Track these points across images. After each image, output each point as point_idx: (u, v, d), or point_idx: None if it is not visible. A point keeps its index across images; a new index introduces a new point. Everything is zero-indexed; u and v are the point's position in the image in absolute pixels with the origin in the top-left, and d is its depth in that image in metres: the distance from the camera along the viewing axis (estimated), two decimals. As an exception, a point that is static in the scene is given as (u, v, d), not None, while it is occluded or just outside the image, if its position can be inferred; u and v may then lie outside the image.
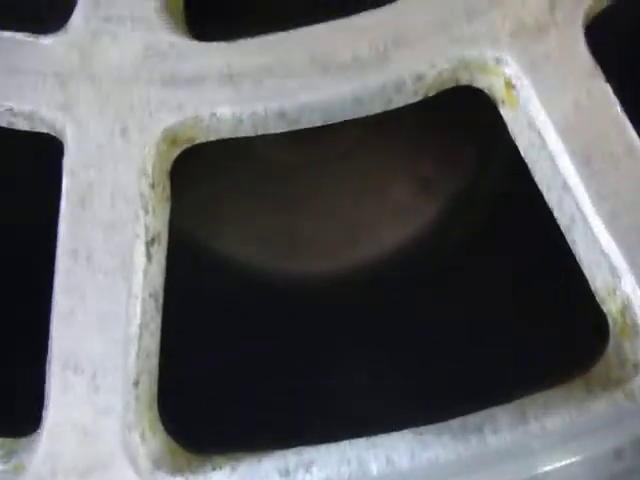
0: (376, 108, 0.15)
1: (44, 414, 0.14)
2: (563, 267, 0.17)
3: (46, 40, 0.14)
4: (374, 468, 0.14)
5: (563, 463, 0.13)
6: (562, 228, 0.15)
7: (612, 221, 0.14)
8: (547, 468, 0.14)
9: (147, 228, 0.14)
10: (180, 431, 0.16)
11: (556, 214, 0.15)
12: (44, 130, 0.15)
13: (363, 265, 0.38)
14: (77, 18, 0.14)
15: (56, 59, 0.14)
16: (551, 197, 0.15)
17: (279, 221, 0.43)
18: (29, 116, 0.14)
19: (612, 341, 0.15)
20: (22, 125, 0.15)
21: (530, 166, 0.15)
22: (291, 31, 0.14)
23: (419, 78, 0.14)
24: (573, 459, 0.14)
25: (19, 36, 0.14)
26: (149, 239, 0.14)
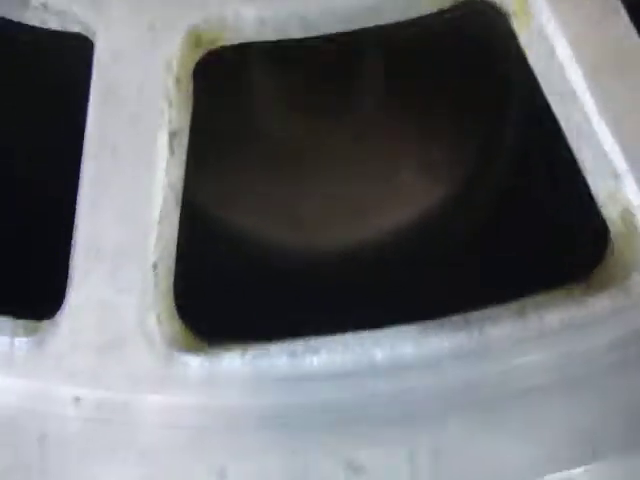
0: (394, 16, 0.15)
1: (67, 294, 0.15)
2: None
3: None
4: (378, 354, 0.14)
5: (560, 352, 0.14)
6: (568, 137, 0.15)
7: (616, 126, 0.14)
8: (545, 356, 0.14)
9: (170, 121, 0.15)
10: (195, 323, 0.16)
11: (563, 125, 0.15)
12: (75, 29, 0.15)
13: (366, 245, 0.39)
14: None
15: (89, -42, 0.15)
16: (559, 108, 0.15)
17: (285, 199, 0.44)
18: (61, 12, 0.15)
19: (611, 245, 0.15)
20: (54, 23, 0.15)
21: (539, 77, 0.15)
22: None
23: (433, -14, 0.15)
24: (570, 349, 0.14)
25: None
26: (172, 131, 0.15)
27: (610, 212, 0.15)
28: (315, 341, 0.15)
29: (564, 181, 0.17)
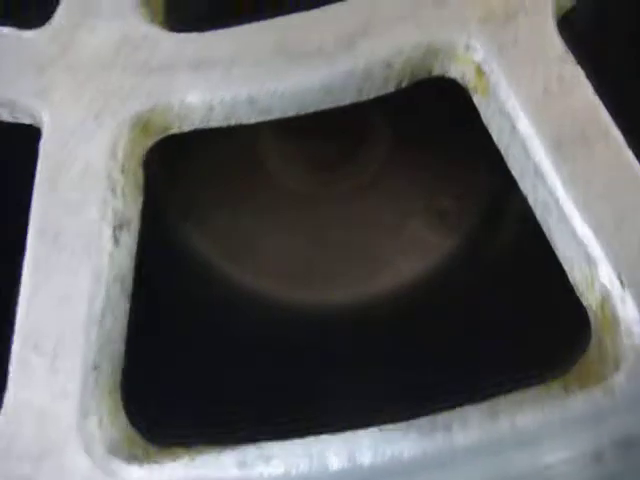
0: (347, 98, 0.15)
1: (5, 395, 0.14)
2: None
3: (29, 34, 0.15)
4: (335, 463, 0.13)
5: (537, 464, 0.13)
6: (537, 216, 0.14)
7: (586, 207, 0.13)
8: (519, 468, 0.13)
9: (115, 212, 0.14)
10: (143, 423, 0.15)
11: (530, 202, 0.14)
12: (25, 120, 0.15)
13: (379, 298, 0.38)
14: (60, 14, 0.15)
15: (37, 50, 0.15)
16: (525, 184, 0.14)
17: (296, 251, 0.43)
18: (10, 104, 0.15)
19: (594, 337, 0.14)
20: (4, 115, 0.15)
21: (503, 153, 0.14)
22: (259, 22, 0.14)
23: (387, 65, 0.14)
24: (548, 460, 0.13)
25: (5, 30, 0.15)
26: (117, 223, 0.14)
27: (589, 301, 0.14)
28: (267, 448, 0.13)
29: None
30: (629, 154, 0.13)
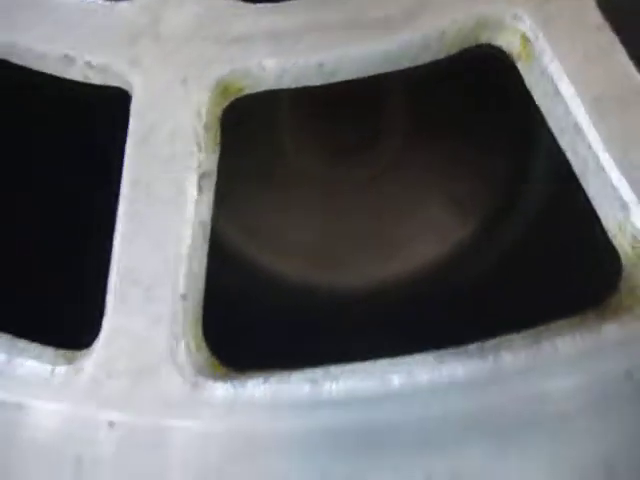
0: (404, 63, 0.16)
1: (103, 322, 0.16)
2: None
3: (122, 5, 0.17)
4: (396, 381, 0.15)
5: (574, 382, 0.14)
6: (576, 171, 0.16)
7: (622, 158, 0.15)
8: (559, 385, 0.14)
9: (200, 163, 0.16)
10: (222, 353, 0.17)
11: (570, 157, 0.16)
12: (115, 83, 0.17)
13: (394, 283, 0.39)
14: (148, -12, 0.17)
15: (129, 21, 0.16)
16: (564, 141, 0.16)
17: (313, 237, 0.45)
18: (103, 69, 0.17)
19: (624, 274, 0.15)
20: (95, 78, 0.17)
21: (545, 114, 0.16)
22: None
23: (442, 34, 0.16)
24: (584, 378, 0.14)
25: (100, 1, 0.17)
26: (201, 173, 0.16)
27: (621, 242, 0.15)
28: (334, 369, 0.15)
29: (580, 212, 0.17)
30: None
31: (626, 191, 0.14)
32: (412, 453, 0.14)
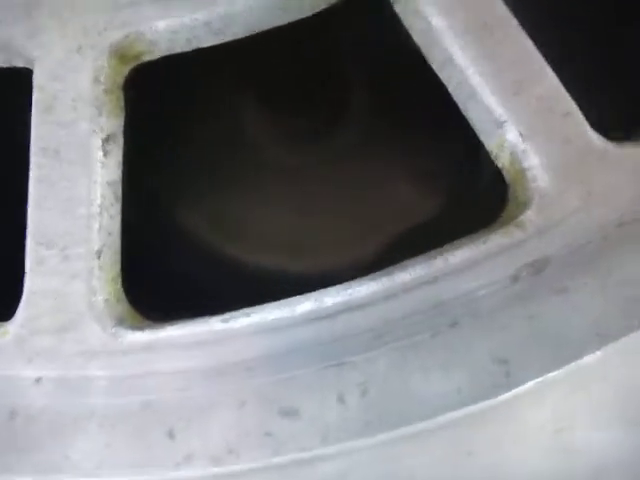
0: (288, 17, 0.17)
1: (24, 286, 0.16)
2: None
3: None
4: (304, 306, 0.16)
5: (466, 289, 0.15)
6: (458, 102, 0.17)
7: (490, 80, 0.16)
8: (452, 294, 0.15)
9: (102, 127, 0.17)
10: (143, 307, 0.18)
11: (450, 89, 0.17)
12: (19, 63, 0.18)
13: (369, 262, 0.40)
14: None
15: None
16: (444, 74, 0.17)
17: (283, 222, 0.45)
18: (5, 47, 0.17)
19: (510, 190, 0.16)
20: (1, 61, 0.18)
21: (422, 51, 0.17)
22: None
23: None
24: (474, 285, 0.15)
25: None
26: (105, 136, 0.17)
27: (503, 161, 0.16)
28: (247, 309, 0.16)
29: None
30: (524, 36, 0.16)
31: (500, 111, 0.15)
32: (324, 374, 0.15)
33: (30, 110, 0.17)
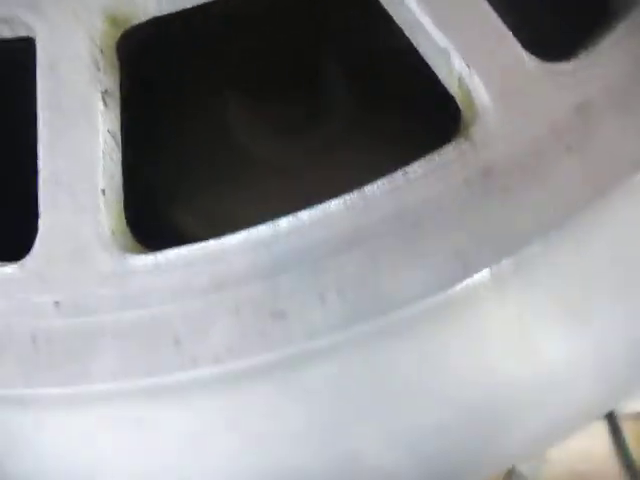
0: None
1: (38, 223, 0.19)
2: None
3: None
4: (284, 223, 0.18)
5: (423, 197, 0.17)
6: (408, 35, 0.19)
7: (428, 14, 0.18)
8: (413, 201, 0.17)
9: (100, 81, 0.19)
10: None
11: (407, 33, 0.19)
12: (22, 32, 0.20)
13: None
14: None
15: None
16: (392, 9, 0.19)
17: (265, 213, 0.47)
18: (8, 19, 0.19)
19: (461, 112, 0.19)
20: (5, 32, 0.20)
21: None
22: None
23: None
24: (430, 192, 0.17)
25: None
26: (104, 89, 0.19)
27: (453, 87, 0.19)
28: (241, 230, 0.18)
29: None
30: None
31: (444, 41, 0.18)
32: (304, 278, 0.17)
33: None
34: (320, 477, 0.19)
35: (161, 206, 0.40)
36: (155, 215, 0.37)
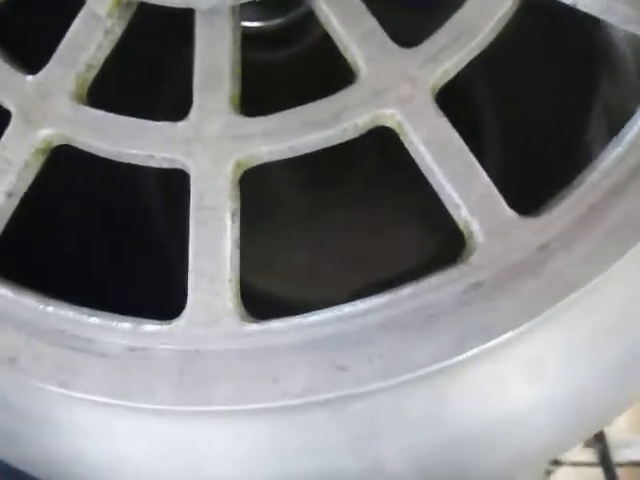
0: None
1: (188, 300, 0.28)
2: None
3: None
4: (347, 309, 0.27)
5: (428, 302, 0.27)
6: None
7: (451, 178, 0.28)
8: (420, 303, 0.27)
9: (230, 206, 0.29)
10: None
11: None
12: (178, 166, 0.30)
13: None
14: None
15: None
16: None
17: (298, 259, 0.56)
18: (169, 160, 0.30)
19: (464, 245, 0.28)
20: (164, 164, 0.30)
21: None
22: None
23: None
24: (437, 299, 0.27)
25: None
26: (232, 211, 0.29)
27: (460, 226, 0.28)
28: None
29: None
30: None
31: (457, 199, 0.28)
32: (360, 346, 0.27)
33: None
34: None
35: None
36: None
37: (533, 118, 0.54)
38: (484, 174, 0.27)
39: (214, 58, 0.30)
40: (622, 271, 0.26)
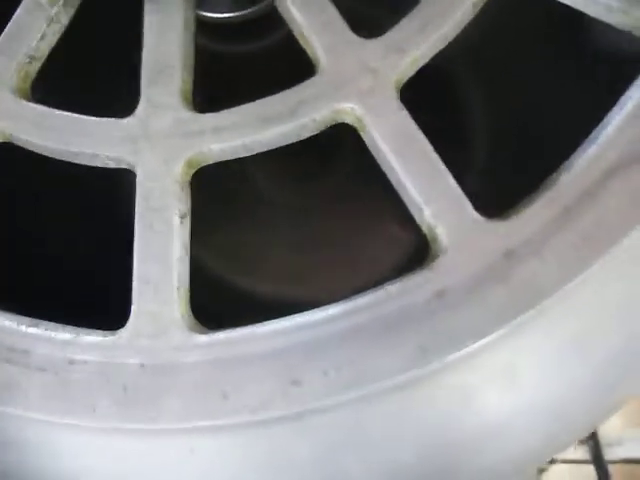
0: None
1: (131, 309, 0.27)
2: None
3: None
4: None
5: (401, 304, 0.25)
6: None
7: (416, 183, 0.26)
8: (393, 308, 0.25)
9: (179, 208, 0.27)
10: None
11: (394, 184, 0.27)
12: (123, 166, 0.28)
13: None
14: None
15: None
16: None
17: (288, 258, 0.55)
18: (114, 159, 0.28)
19: (429, 248, 0.27)
20: (110, 164, 0.28)
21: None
22: None
23: None
24: (406, 302, 0.25)
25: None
26: (181, 214, 0.27)
27: (424, 228, 0.27)
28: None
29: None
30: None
31: (421, 199, 0.26)
32: (315, 359, 0.25)
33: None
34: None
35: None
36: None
37: (524, 117, 0.53)
38: (448, 174, 0.26)
39: (164, 49, 0.28)
40: (595, 277, 0.24)
